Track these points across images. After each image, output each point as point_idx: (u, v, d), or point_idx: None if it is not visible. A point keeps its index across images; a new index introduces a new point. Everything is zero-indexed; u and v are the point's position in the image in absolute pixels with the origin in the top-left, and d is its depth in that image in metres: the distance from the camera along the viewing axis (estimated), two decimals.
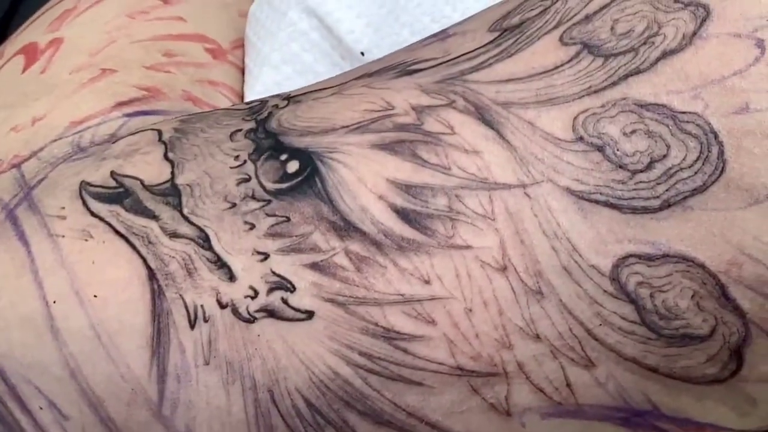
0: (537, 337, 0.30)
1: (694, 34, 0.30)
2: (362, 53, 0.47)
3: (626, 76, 0.30)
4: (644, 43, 0.31)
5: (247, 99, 0.48)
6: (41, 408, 0.31)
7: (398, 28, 0.47)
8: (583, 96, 0.31)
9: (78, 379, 0.31)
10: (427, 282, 0.30)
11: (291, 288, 0.30)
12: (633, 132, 0.30)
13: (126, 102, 0.40)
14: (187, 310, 0.31)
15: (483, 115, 0.32)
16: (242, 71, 0.49)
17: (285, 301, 0.30)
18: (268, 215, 0.31)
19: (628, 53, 0.31)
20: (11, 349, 0.31)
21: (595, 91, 0.31)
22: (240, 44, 0.50)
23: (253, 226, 0.31)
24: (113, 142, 0.36)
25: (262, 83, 0.48)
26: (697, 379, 0.30)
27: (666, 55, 0.30)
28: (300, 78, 0.48)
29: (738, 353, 0.29)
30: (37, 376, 0.31)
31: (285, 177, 0.32)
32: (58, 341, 0.31)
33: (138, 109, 0.40)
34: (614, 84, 0.31)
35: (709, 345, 0.29)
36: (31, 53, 0.41)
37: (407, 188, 0.31)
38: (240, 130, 0.34)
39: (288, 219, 0.31)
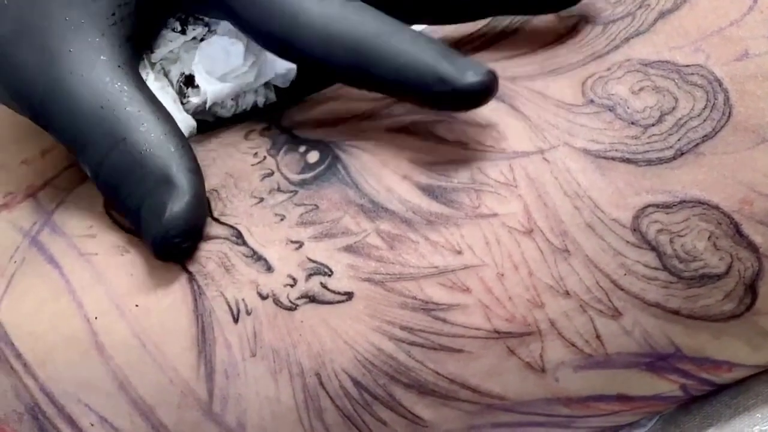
0: (566, 294, 0.31)
1: None
2: None
3: (627, 39, 0.33)
4: (640, 7, 0.33)
5: None
6: (92, 425, 0.32)
7: None
8: (588, 62, 0.33)
9: (127, 390, 0.31)
10: (459, 252, 0.32)
11: (328, 272, 0.32)
12: (641, 89, 0.32)
13: None
14: (229, 306, 0.32)
15: None
16: None
17: (324, 286, 0.31)
18: (296, 205, 0.33)
19: (625, 18, 0.33)
20: (57, 371, 0.32)
21: (599, 56, 0.33)
22: None
23: (283, 217, 0.33)
24: None
25: None
26: (716, 316, 0.32)
27: (663, 15, 0.33)
28: None
29: (752, 287, 0.31)
30: (85, 394, 0.31)
31: (307, 167, 0.34)
32: (104, 356, 0.31)
33: None
34: (616, 48, 0.33)
35: (725, 282, 0.31)
36: None
37: (429, 166, 0.33)
38: (253, 130, 0.36)
39: (317, 206, 0.33)
